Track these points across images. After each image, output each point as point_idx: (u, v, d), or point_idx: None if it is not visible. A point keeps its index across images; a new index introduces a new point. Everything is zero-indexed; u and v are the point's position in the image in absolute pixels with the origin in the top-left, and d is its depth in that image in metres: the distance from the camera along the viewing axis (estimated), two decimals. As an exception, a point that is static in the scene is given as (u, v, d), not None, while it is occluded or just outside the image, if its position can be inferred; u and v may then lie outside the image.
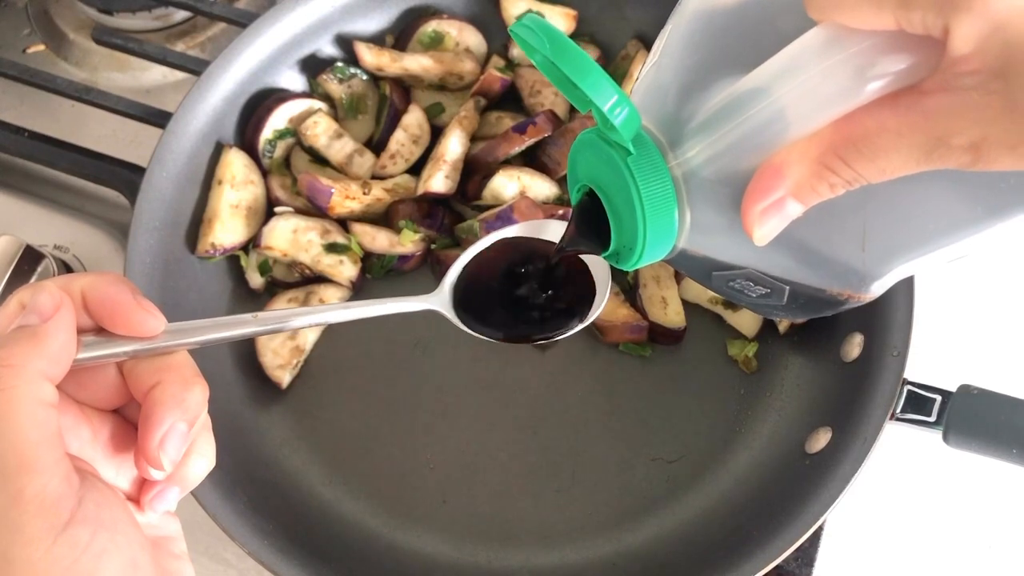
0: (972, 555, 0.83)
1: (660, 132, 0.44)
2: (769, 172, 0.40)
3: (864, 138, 0.37)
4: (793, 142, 0.39)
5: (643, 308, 0.84)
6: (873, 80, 0.37)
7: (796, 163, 0.39)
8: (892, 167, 0.37)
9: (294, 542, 0.74)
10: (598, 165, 0.46)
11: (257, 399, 0.83)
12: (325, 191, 0.82)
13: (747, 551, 0.72)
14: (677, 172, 0.43)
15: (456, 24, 0.91)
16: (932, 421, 0.72)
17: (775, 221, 0.40)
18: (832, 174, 0.38)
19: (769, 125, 0.39)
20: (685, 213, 0.44)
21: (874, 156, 0.37)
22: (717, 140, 0.41)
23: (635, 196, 0.43)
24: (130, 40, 0.92)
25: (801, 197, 0.40)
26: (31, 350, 0.40)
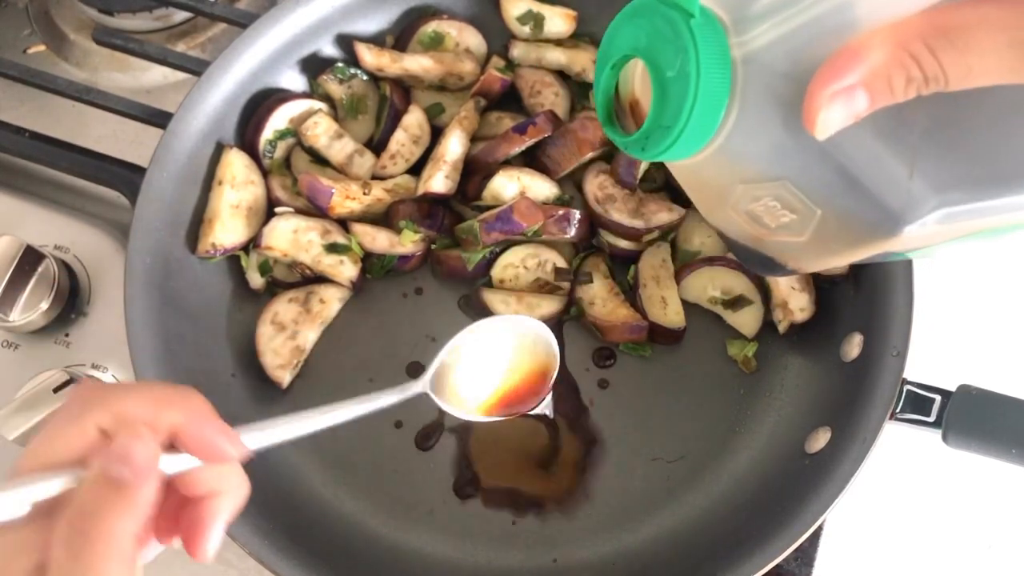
0: (972, 555, 0.83)
1: (723, 11, 0.40)
2: (846, 53, 0.36)
3: (958, 27, 0.34)
4: (876, 27, 0.36)
5: (643, 308, 0.84)
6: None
7: (877, 47, 0.36)
8: (981, 67, 0.34)
9: (294, 542, 0.74)
10: (650, 32, 0.42)
11: (257, 399, 0.83)
12: (325, 191, 0.82)
13: (747, 551, 0.72)
14: (737, 53, 0.40)
15: (456, 24, 0.91)
16: (932, 421, 0.73)
17: (841, 110, 0.37)
18: (914, 64, 0.35)
19: (848, 7, 0.36)
20: (734, 103, 0.40)
21: (966, 48, 0.34)
22: (789, 18, 0.38)
23: (692, 64, 0.39)
24: (130, 41, 0.92)
25: (875, 88, 0.36)
26: (127, 515, 0.41)
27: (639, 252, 0.86)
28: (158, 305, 0.78)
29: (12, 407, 0.76)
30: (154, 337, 0.77)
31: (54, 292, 0.82)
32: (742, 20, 0.40)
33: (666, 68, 0.41)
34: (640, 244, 0.86)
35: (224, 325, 0.84)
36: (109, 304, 0.85)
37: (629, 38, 0.44)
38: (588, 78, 0.90)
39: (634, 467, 0.82)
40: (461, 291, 0.87)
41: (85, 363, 0.84)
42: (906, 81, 0.36)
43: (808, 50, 0.38)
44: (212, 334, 0.83)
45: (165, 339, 0.77)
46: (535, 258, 0.84)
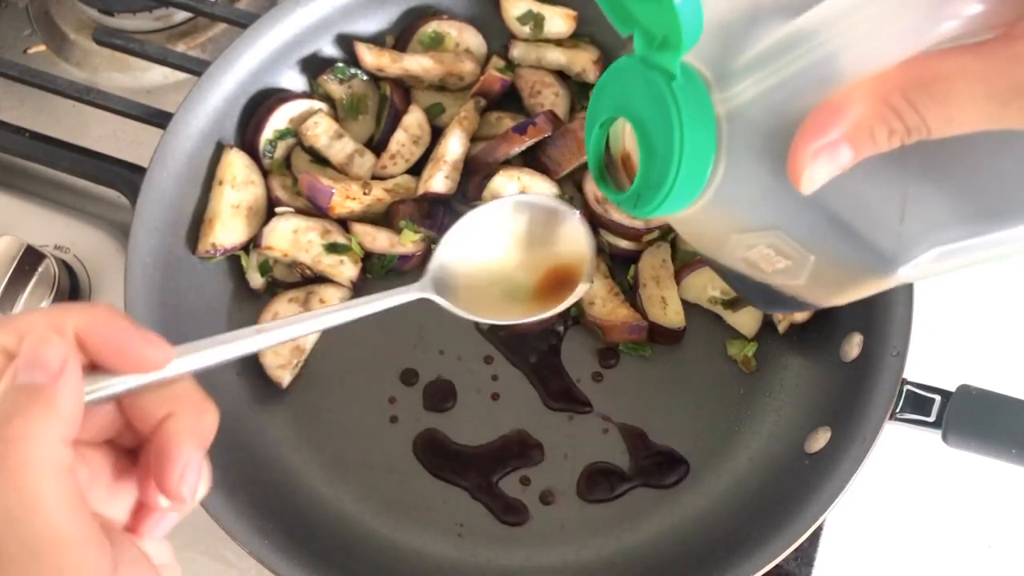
0: (972, 555, 0.83)
1: (706, 67, 0.40)
2: (827, 110, 0.37)
3: (937, 79, 0.34)
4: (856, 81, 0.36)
5: (643, 308, 0.84)
6: (948, 19, 0.34)
7: (858, 101, 0.36)
8: (962, 117, 0.34)
9: (294, 542, 0.74)
10: (634, 93, 0.42)
11: (257, 399, 0.83)
12: (326, 191, 0.82)
13: (747, 551, 0.72)
14: (721, 110, 0.40)
15: (456, 25, 0.91)
16: (931, 421, 0.73)
17: (825, 166, 0.37)
18: (895, 117, 0.35)
19: (830, 61, 0.36)
20: (721, 159, 0.41)
21: (945, 100, 0.34)
22: (770, 75, 0.38)
23: (675, 125, 0.39)
24: (131, 41, 0.92)
25: (857, 141, 0.36)
26: (45, 415, 0.37)
27: (639, 252, 0.86)
28: (158, 305, 0.78)
29: None
30: (154, 337, 0.76)
31: (54, 292, 0.82)
32: (724, 76, 0.40)
33: (651, 128, 0.42)
34: (640, 244, 0.86)
35: (225, 325, 0.84)
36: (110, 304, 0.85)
37: (615, 97, 0.44)
38: (588, 78, 0.90)
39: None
40: (461, 291, 0.87)
41: (85, 363, 0.84)
42: (888, 133, 0.36)
43: (791, 104, 0.38)
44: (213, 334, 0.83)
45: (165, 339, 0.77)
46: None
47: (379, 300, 0.55)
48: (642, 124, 0.42)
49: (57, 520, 0.37)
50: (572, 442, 0.82)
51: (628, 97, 0.43)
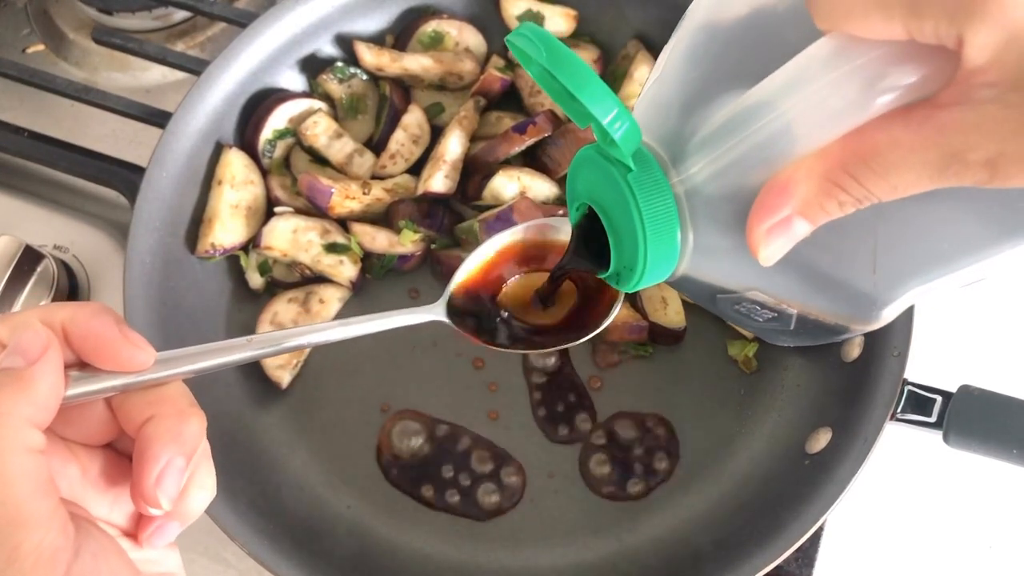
0: (972, 555, 0.83)
1: (662, 148, 0.42)
2: (775, 190, 0.38)
3: (875, 154, 0.35)
4: (800, 158, 0.37)
5: (643, 308, 0.84)
6: (883, 93, 0.35)
7: (803, 180, 0.37)
8: (904, 184, 0.36)
9: (294, 542, 0.74)
10: (598, 183, 0.44)
11: (257, 399, 0.83)
12: (325, 191, 0.82)
13: (747, 551, 0.72)
14: (679, 190, 0.42)
15: (456, 24, 0.91)
16: (932, 422, 0.72)
17: (781, 241, 0.39)
18: (841, 191, 0.37)
19: (775, 140, 0.38)
20: (688, 233, 0.42)
21: (886, 173, 0.36)
22: (720, 156, 0.40)
23: (635, 215, 0.41)
24: (130, 40, 0.91)
25: (809, 216, 0.38)
26: (16, 396, 0.38)
27: (639, 252, 0.86)
28: (158, 305, 0.78)
29: None
30: (154, 337, 0.76)
31: (53, 292, 0.82)
32: (680, 156, 0.41)
33: (615, 215, 0.43)
34: (640, 244, 0.86)
35: (224, 325, 0.84)
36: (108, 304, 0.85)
37: (583, 185, 0.46)
38: (588, 78, 0.90)
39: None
40: (461, 291, 0.86)
41: (84, 363, 0.83)
42: (839, 204, 0.37)
43: (744, 180, 0.39)
44: (212, 334, 0.83)
45: (165, 339, 0.77)
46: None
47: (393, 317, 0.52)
48: (606, 211, 0.44)
49: (18, 499, 0.37)
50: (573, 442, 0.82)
51: (592, 186, 0.45)
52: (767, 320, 0.47)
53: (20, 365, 0.39)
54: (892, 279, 0.43)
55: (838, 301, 0.44)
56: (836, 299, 0.44)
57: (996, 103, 0.33)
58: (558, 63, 0.39)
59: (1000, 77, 0.32)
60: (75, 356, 0.42)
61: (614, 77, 0.91)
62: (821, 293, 0.44)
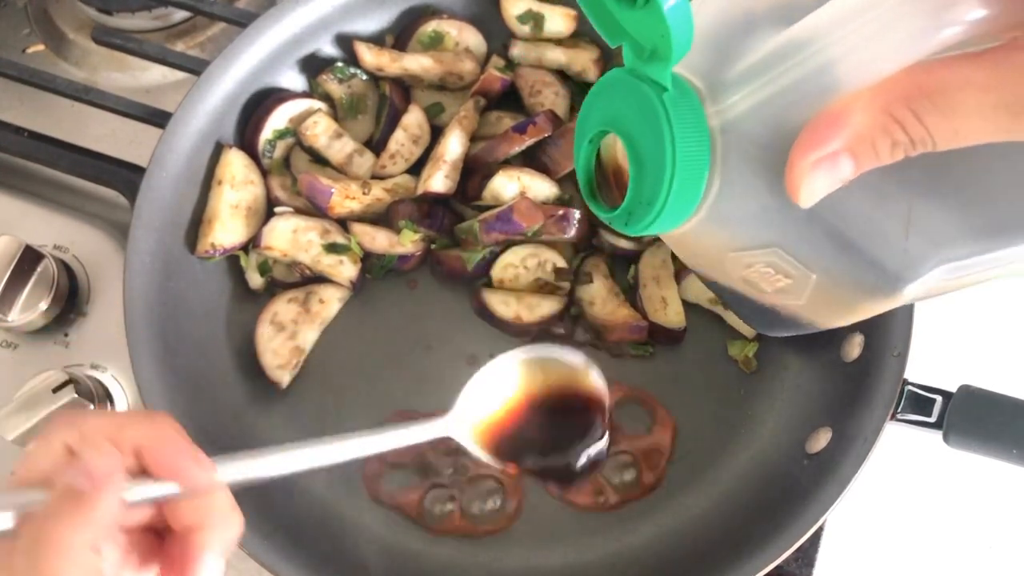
0: (972, 555, 0.83)
1: (698, 78, 0.39)
2: (827, 120, 0.35)
3: (942, 91, 0.33)
4: (856, 91, 0.34)
5: (643, 308, 0.84)
6: (951, 24, 0.32)
7: (860, 111, 0.34)
8: (968, 129, 0.33)
9: (294, 543, 0.74)
10: (623, 106, 0.40)
11: (257, 399, 0.83)
12: (325, 191, 0.82)
13: (747, 551, 0.72)
14: (714, 123, 0.38)
15: (456, 24, 0.91)
16: (932, 422, 0.72)
17: (824, 178, 0.36)
18: (898, 128, 0.34)
19: (829, 68, 0.34)
20: (715, 174, 0.39)
21: (952, 113, 0.33)
22: (765, 85, 0.36)
23: (667, 138, 0.38)
24: (130, 40, 0.91)
25: (858, 154, 0.35)
26: (80, 523, 0.40)
27: (639, 252, 0.86)
28: (157, 305, 0.78)
29: (11, 407, 0.75)
30: (154, 337, 0.76)
31: (53, 292, 0.82)
32: (717, 88, 0.38)
33: (642, 143, 0.40)
34: (640, 244, 0.86)
35: (224, 325, 0.84)
36: (108, 304, 0.85)
37: (604, 111, 0.42)
38: (588, 78, 0.90)
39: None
40: (461, 291, 0.87)
41: (84, 363, 0.84)
42: (891, 145, 0.35)
43: (788, 116, 0.36)
44: (212, 334, 0.83)
45: (165, 339, 0.77)
46: (535, 258, 0.84)
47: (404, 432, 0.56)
48: (632, 138, 0.41)
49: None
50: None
51: (618, 111, 0.41)
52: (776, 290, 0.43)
53: (86, 487, 0.41)
54: (923, 248, 0.39)
55: (863, 268, 0.40)
56: (861, 266, 0.40)
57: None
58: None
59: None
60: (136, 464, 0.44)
61: (614, 77, 0.91)
62: (846, 258, 0.40)
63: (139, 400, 0.75)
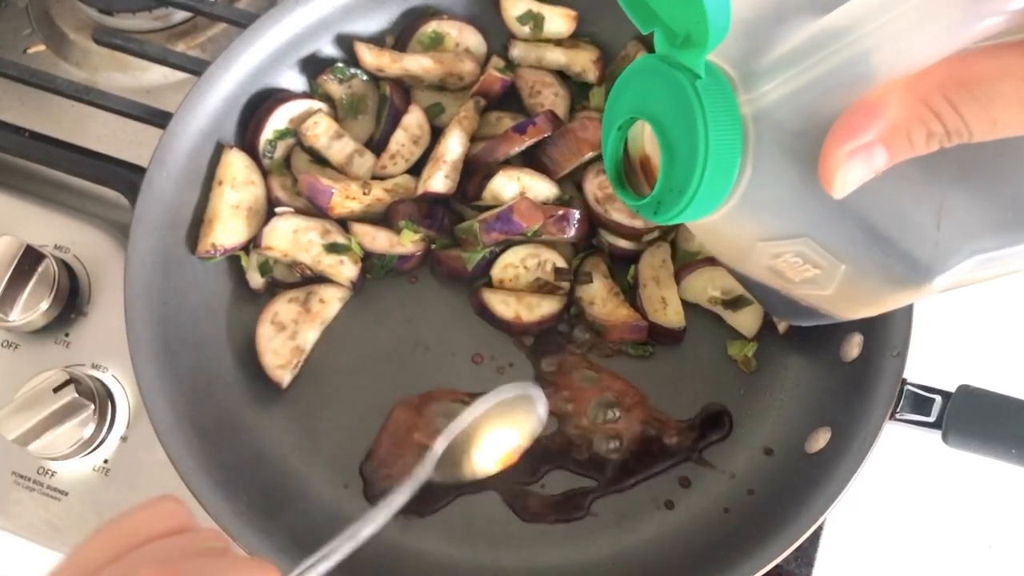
0: (972, 555, 0.83)
1: (731, 66, 0.39)
2: (862, 110, 0.35)
3: (980, 81, 0.32)
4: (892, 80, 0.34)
5: (643, 308, 0.84)
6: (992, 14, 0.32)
7: (895, 102, 0.34)
8: (1006, 120, 0.33)
9: (294, 542, 0.74)
10: (654, 94, 0.40)
11: (257, 399, 0.83)
12: (325, 191, 0.82)
13: (747, 551, 0.72)
14: (747, 111, 0.38)
15: (456, 24, 0.91)
16: (932, 421, 0.73)
17: (859, 168, 0.35)
18: (935, 119, 0.33)
19: (865, 57, 0.34)
20: (747, 162, 0.39)
21: (990, 103, 0.32)
22: (800, 73, 0.36)
23: (700, 125, 0.37)
24: (130, 40, 0.92)
25: (893, 144, 0.34)
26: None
27: (639, 252, 0.86)
28: (158, 305, 0.78)
29: (12, 407, 0.76)
30: (154, 337, 0.77)
31: (54, 292, 0.82)
32: (751, 76, 0.38)
33: (673, 130, 0.39)
34: (640, 244, 0.86)
35: (224, 325, 0.84)
36: (109, 304, 0.85)
37: (634, 99, 0.42)
38: (588, 78, 0.90)
39: (634, 467, 0.82)
40: (461, 291, 0.87)
41: (85, 363, 0.84)
42: (927, 136, 0.34)
43: (821, 105, 0.36)
44: (212, 334, 0.83)
45: (165, 339, 0.77)
46: (535, 258, 0.84)
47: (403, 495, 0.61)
48: (663, 126, 0.40)
49: None
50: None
51: (648, 98, 0.41)
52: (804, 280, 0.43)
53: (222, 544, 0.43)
54: (955, 240, 0.39)
55: (893, 259, 0.40)
56: (891, 257, 0.40)
57: None
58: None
59: None
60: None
61: (614, 77, 0.91)
62: (876, 248, 0.40)
63: (140, 400, 0.75)
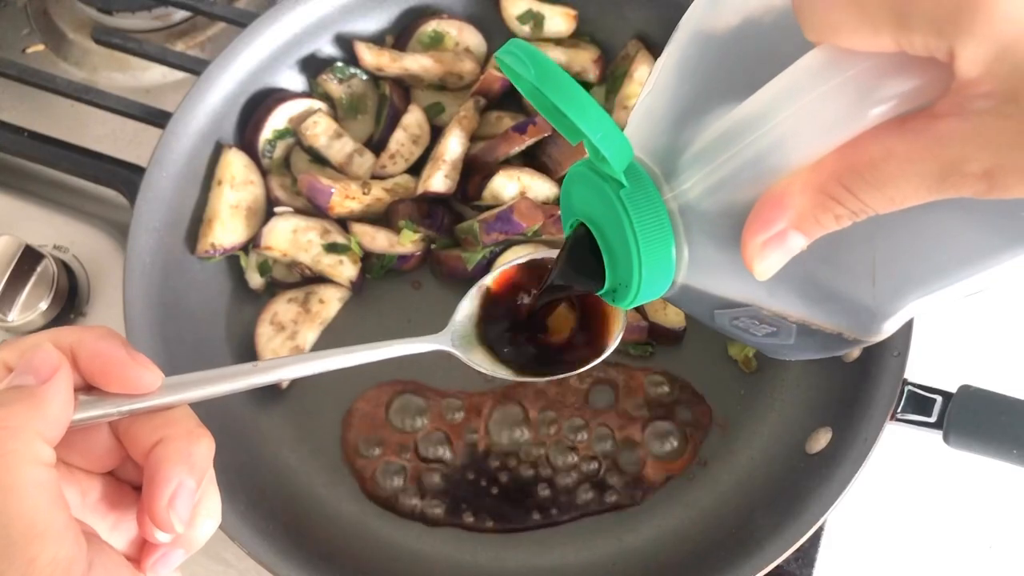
0: (972, 555, 0.83)
1: (655, 163, 0.42)
2: (770, 203, 0.37)
3: (871, 166, 0.35)
4: (795, 171, 0.37)
5: (643, 308, 0.84)
6: (877, 103, 0.34)
7: (798, 193, 0.37)
8: (901, 196, 0.35)
9: (294, 542, 0.74)
10: (590, 199, 0.43)
11: (257, 399, 0.83)
12: (325, 191, 0.82)
13: (747, 551, 0.72)
14: (673, 205, 0.41)
15: (456, 24, 0.91)
16: (932, 422, 0.72)
17: (777, 255, 0.38)
18: (837, 204, 0.36)
19: (768, 153, 0.37)
20: (683, 248, 0.42)
21: (882, 185, 0.35)
22: (714, 170, 0.39)
23: (628, 231, 0.41)
24: (130, 40, 0.91)
25: (804, 229, 0.37)
26: (29, 412, 0.38)
27: (639, 252, 0.86)
28: (157, 305, 0.78)
29: None
30: (153, 337, 0.76)
31: (53, 292, 0.82)
32: (672, 171, 0.41)
33: (608, 232, 0.43)
34: (640, 244, 0.86)
35: (224, 325, 0.84)
36: (108, 304, 0.85)
37: (578, 201, 0.45)
38: (588, 78, 0.90)
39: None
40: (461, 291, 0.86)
41: (84, 363, 0.83)
42: (835, 217, 0.37)
43: (738, 196, 0.39)
44: (212, 334, 0.83)
45: (164, 339, 0.77)
46: None
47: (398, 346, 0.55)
48: (600, 228, 0.44)
49: (32, 511, 0.37)
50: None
51: (586, 202, 0.44)
52: (766, 335, 0.46)
53: (31, 383, 0.39)
54: (892, 291, 0.42)
55: (837, 315, 0.44)
56: (835, 312, 0.44)
57: (992, 114, 0.32)
58: (547, 80, 0.39)
59: (994, 88, 0.32)
60: (83, 380, 0.42)
61: (614, 77, 0.91)
62: (819, 306, 0.43)
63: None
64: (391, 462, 0.81)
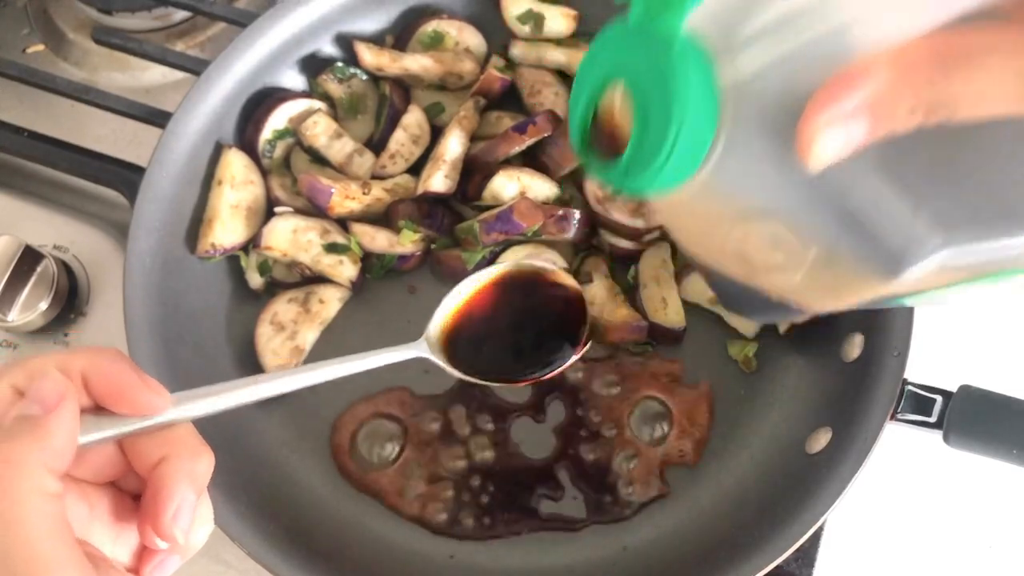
0: (972, 555, 0.83)
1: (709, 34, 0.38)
2: (846, 77, 0.34)
3: (966, 55, 0.32)
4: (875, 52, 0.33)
5: (643, 308, 0.84)
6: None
7: (880, 71, 0.33)
8: (990, 96, 0.32)
9: (294, 542, 0.74)
10: (630, 59, 0.39)
11: (257, 399, 0.82)
12: (325, 191, 0.82)
13: (747, 551, 0.72)
14: (725, 81, 0.37)
15: (456, 24, 0.91)
16: (933, 422, 0.72)
17: (837, 139, 0.34)
18: (920, 89, 0.33)
19: (846, 30, 0.34)
20: (721, 132, 0.38)
21: (975, 76, 0.32)
22: (779, 45, 0.35)
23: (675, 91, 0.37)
24: (130, 40, 0.91)
25: (875, 115, 0.34)
26: (34, 443, 0.39)
27: (639, 252, 0.86)
28: (157, 305, 0.78)
29: None
30: (153, 337, 0.76)
31: (53, 292, 0.82)
32: (731, 45, 0.37)
33: (648, 95, 0.39)
34: (640, 244, 0.86)
35: (224, 325, 0.84)
36: (108, 304, 0.85)
37: (608, 63, 0.41)
38: (588, 77, 0.90)
39: (634, 467, 0.82)
40: (461, 291, 0.86)
41: (84, 363, 0.84)
42: (910, 108, 0.33)
43: (802, 77, 0.35)
44: (212, 334, 0.83)
45: (164, 339, 0.77)
46: (535, 258, 0.84)
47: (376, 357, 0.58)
48: (637, 90, 0.39)
49: (38, 542, 0.37)
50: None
51: (623, 63, 0.40)
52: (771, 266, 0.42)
53: (38, 413, 0.40)
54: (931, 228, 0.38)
55: (865, 246, 0.39)
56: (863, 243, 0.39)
57: None
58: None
59: None
60: (92, 401, 0.43)
61: (614, 77, 0.91)
62: (848, 233, 0.39)
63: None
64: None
